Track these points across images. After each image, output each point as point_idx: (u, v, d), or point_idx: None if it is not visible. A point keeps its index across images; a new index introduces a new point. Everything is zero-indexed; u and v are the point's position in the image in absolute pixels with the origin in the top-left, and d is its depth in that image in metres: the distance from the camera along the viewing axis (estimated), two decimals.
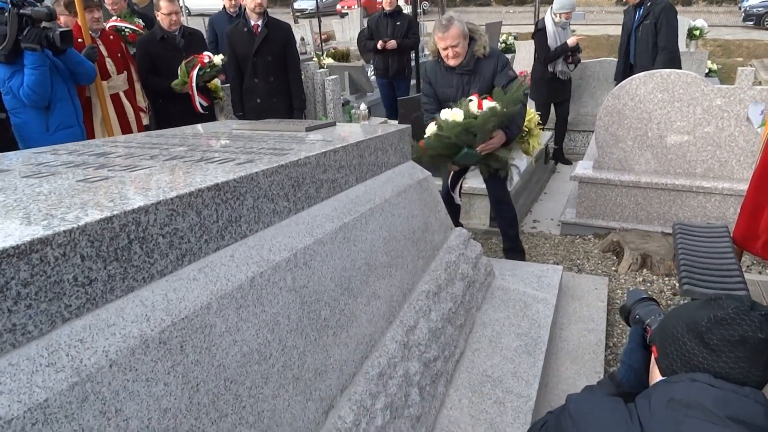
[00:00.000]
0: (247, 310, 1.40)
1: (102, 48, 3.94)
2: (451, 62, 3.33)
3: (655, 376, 1.25)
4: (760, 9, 18.24)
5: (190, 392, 1.19)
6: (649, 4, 5.32)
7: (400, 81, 6.62)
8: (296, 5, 22.91)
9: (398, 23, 6.37)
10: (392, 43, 6.32)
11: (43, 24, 3.25)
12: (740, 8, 19.97)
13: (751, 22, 18.21)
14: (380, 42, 6.32)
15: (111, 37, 4.11)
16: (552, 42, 5.62)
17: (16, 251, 0.93)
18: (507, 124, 3.28)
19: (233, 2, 5.56)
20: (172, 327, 1.18)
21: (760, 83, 4.40)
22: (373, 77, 8.51)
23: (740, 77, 3.84)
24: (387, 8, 6.35)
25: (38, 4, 3.33)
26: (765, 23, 17.65)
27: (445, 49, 3.28)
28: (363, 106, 6.50)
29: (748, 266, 3.77)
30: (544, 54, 5.68)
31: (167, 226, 1.25)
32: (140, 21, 4.92)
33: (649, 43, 5.33)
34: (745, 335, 1.08)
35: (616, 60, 6.61)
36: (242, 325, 1.37)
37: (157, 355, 1.13)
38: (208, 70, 4.32)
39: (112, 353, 1.05)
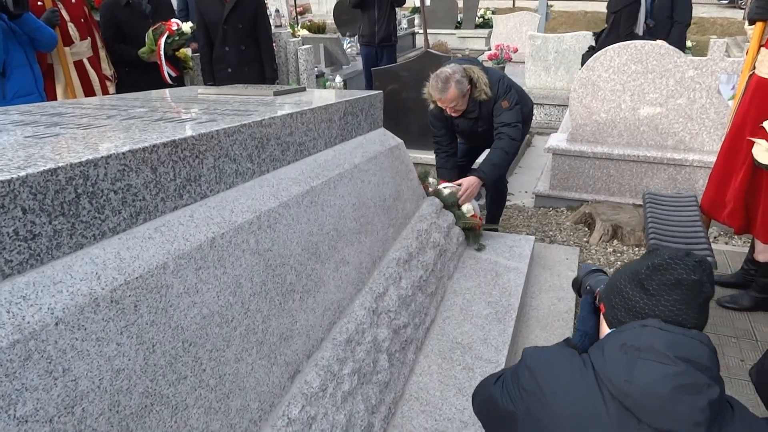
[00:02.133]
0: (207, 272, 1.35)
1: (64, 12, 3.76)
2: (453, 115, 3.21)
3: (604, 330, 1.31)
4: None
5: (146, 353, 1.15)
6: None
7: (386, 48, 6.40)
8: None
9: None
10: None
11: None
12: None
13: (726, 1, 18.37)
14: None
15: (73, 0, 3.93)
16: (641, 17, 5.35)
17: None
18: (479, 166, 3.23)
19: None
20: (125, 286, 1.13)
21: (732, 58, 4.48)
22: (349, 49, 8.38)
23: (712, 49, 3.85)
24: None
25: None
26: (739, 2, 17.81)
27: (444, 107, 3.16)
28: (338, 79, 6.41)
29: (715, 237, 3.83)
30: (629, 30, 5.32)
31: (119, 181, 1.19)
32: None
33: (663, 15, 5.43)
34: (680, 278, 1.16)
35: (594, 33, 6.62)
36: (202, 286, 1.33)
37: (108, 314, 1.09)
38: (177, 38, 4.18)
39: (58, 311, 1.00)
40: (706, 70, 3.87)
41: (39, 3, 3.59)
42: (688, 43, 9.10)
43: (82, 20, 3.91)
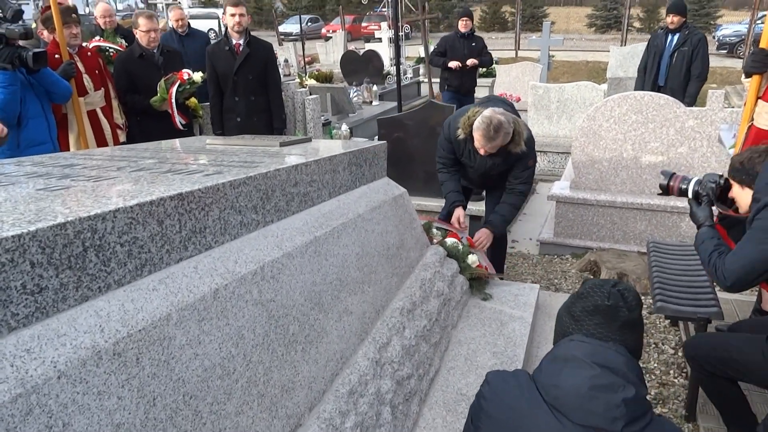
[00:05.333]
0: (209, 323, 1.36)
1: (79, 64, 3.91)
2: (483, 153, 3.18)
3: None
4: (732, 38, 18.85)
5: (146, 407, 1.15)
6: (686, 32, 5.76)
7: (467, 98, 7.00)
8: (281, 29, 23.18)
9: (473, 44, 6.86)
10: (473, 61, 6.79)
11: (20, 42, 3.21)
12: (714, 37, 20.61)
13: (725, 51, 18.77)
14: (455, 62, 6.70)
15: (89, 53, 4.08)
16: None
17: None
18: (490, 219, 3.39)
19: (180, 22, 5.65)
20: (128, 338, 1.14)
21: (732, 107, 4.60)
22: (356, 98, 8.58)
23: (711, 99, 3.92)
24: (462, 30, 6.76)
25: (21, 20, 3.29)
26: (738, 52, 18.19)
27: (482, 148, 3.13)
28: (344, 127, 6.54)
29: None
30: None
31: (126, 234, 1.22)
32: (123, 41, 4.92)
33: (683, 69, 5.74)
34: (597, 304, 1.38)
35: (593, 84, 6.76)
36: (204, 338, 1.33)
37: (110, 368, 1.09)
38: (188, 86, 4.31)
39: (61, 364, 1.01)
40: (705, 120, 3.93)
41: (56, 56, 3.72)
42: None
43: (97, 72, 4.05)
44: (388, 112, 8.11)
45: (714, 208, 2.20)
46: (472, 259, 3.10)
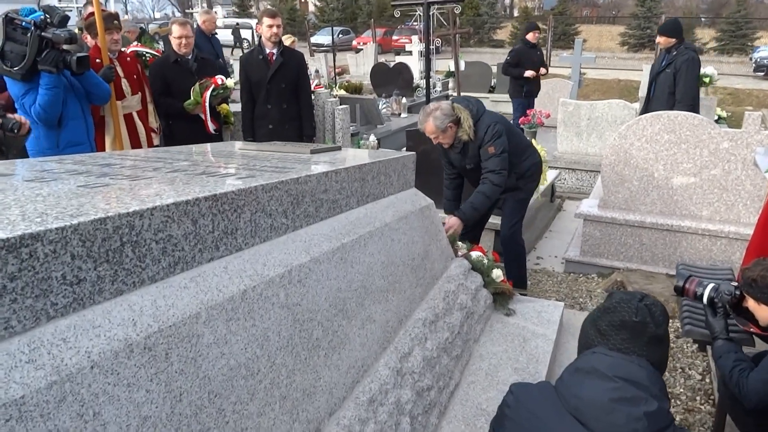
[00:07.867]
0: (236, 323, 1.38)
1: (119, 69, 4.03)
2: (444, 145, 3.48)
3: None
4: None
5: (173, 402, 1.17)
6: (674, 53, 5.26)
7: (532, 100, 7.90)
8: (313, 40, 23.51)
9: (538, 53, 7.83)
10: (543, 70, 7.74)
11: (64, 46, 3.33)
12: (751, 59, 20.23)
13: (762, 73, 18.39)
14: (531, 72, 7.54)
15: (128, 58, 4.21)
16: None
17: (5, 244, 0.93)
18: (461, 207, 3.49)
19: (209, 25, 6.13)
20: (159, 333, 1.17)
21: None
22: (384, 109, 8.63)
23: (747, 121, 3.85)
24: (532, 41, 7.73)
25: (65, 25, 3.40)
26: None
27: (432, 138, 3.45)
28: (372, 138, 6.58)
29: None
30: None
31: (161, 232, 1.25)
32: (160, 46, 5.06)
33: (665, 92, 5.28)
34: (624, 319, 1.39)
35: (625, 102, 6.69)
36: (231, 337, 1.36)
37: (140, 361, 1.12)
38: (221, 91, 4.41)
39: (94, 355, 1.04)
40: (741, 142, 3.85)
41: (97, 60, 3.84)
42: (723, 113, 9.09)
43: (135, 76, 4.17)
44: (416, 124, 8.14)
45: (731, 319, 2.23)
46: (497, 273, 3.09)
